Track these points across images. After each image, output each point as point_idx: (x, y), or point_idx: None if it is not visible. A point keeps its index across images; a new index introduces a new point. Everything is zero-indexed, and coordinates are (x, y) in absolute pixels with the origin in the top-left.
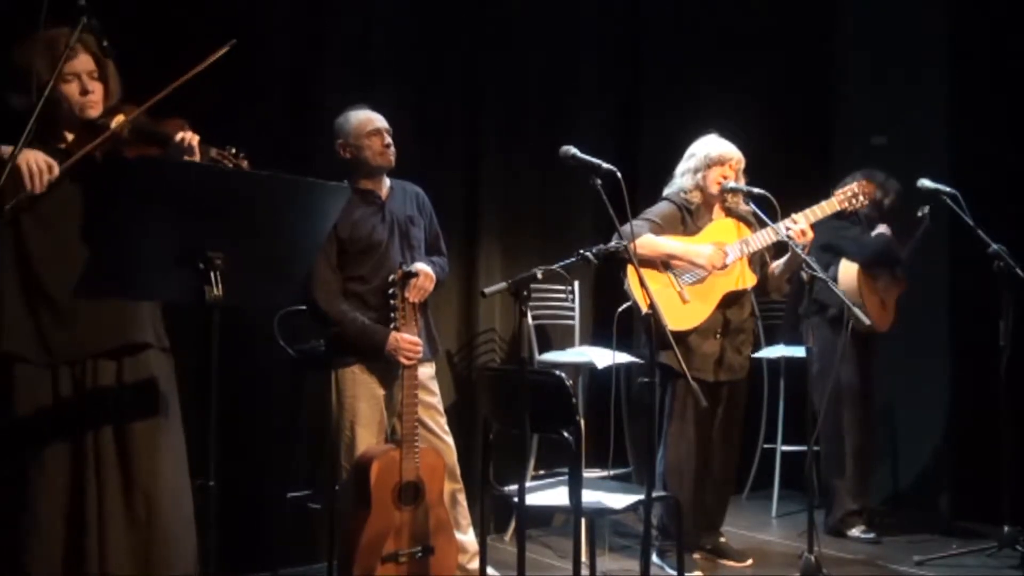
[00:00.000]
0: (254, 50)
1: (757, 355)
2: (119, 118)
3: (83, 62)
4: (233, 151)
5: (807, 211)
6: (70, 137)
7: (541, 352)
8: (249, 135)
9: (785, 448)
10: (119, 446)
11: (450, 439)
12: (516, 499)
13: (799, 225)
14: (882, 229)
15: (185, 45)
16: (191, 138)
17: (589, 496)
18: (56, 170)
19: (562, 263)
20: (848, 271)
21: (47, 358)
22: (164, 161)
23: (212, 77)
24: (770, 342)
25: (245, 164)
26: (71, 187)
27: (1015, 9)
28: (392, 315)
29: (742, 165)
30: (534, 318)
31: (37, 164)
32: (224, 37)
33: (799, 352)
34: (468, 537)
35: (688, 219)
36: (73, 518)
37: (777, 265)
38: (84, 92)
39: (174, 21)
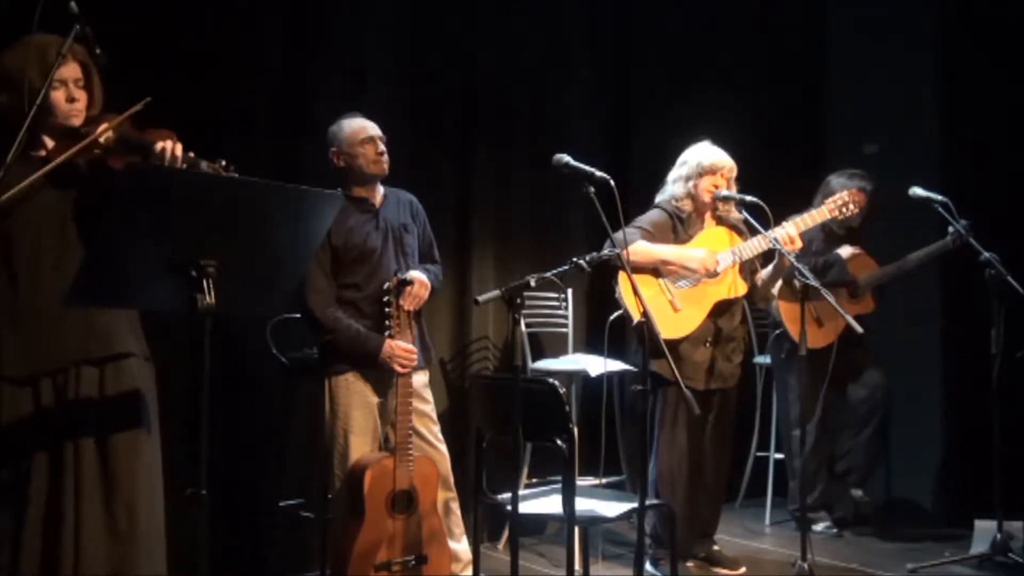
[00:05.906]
0: (245, 58)
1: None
2: (102, 127)
3: (71, 70)
4: (223, 163)
5: (798, 219)
6: (50, 144)
7: (534, 360)
8: (240, 144)
9: (778, 456)
10: (101, 455)
11: (444, 447)
12: (509, 507)
13: (784, 230)
14: (844, 251)
15: (175, 52)
16: (172, 148)
17: (582, 504)
18: None
19: (555, 271)
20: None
21: (29, 371)
22: (156, 168)
23: (204, 86)
24: (762, 350)
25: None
26: (52, 193)
27: (1005, 17)
28: (387, 323)
29: (734, 174)
30: (527, 326)
31: None
32: (216, 44)
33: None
34: (461, 546)
35: (680, 227)
36: (50, 524)
37: (764, 273)
38: (71, 100)
39: (164, 27)
